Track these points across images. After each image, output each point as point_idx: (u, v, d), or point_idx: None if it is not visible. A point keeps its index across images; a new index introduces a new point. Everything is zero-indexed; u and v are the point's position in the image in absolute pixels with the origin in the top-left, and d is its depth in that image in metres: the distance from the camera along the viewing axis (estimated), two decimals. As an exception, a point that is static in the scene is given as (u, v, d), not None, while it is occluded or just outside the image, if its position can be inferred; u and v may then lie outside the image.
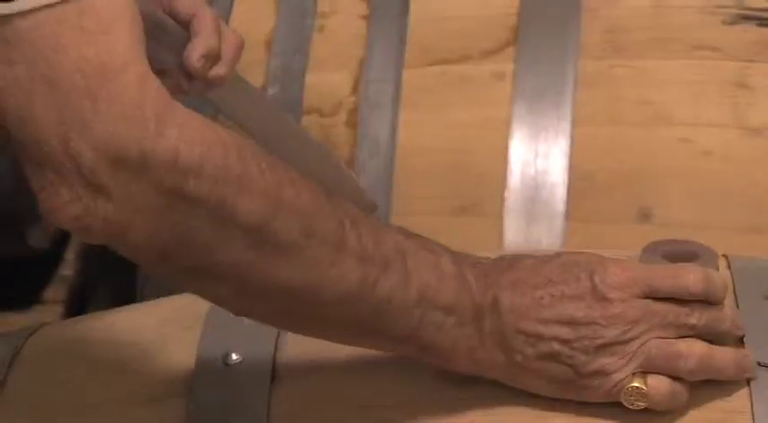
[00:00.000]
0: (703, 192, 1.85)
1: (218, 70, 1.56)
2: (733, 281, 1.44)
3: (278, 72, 1.98)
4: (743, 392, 1.35)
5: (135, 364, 1.49)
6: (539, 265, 1.34)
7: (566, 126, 1.87)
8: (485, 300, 1.32)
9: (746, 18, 1.93)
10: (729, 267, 1.45)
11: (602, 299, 1.31)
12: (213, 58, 1.56)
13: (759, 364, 1.36)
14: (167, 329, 1.51)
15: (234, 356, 1.43)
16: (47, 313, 2.81)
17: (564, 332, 1.30)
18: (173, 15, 1.59)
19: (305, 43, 1.98)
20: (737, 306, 1.41)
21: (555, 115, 1.88)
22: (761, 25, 1.93)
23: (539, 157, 1.86)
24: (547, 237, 1.83)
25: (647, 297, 1.32)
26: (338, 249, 1.28)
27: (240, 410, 1.39)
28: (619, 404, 1.32)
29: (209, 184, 1.20)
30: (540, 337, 1.31)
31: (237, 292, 1.28)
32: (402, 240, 1.32)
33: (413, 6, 1.99)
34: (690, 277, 1.33)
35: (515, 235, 1.83)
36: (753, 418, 1.32)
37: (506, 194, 1.85)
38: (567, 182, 1.85)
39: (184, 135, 1.20)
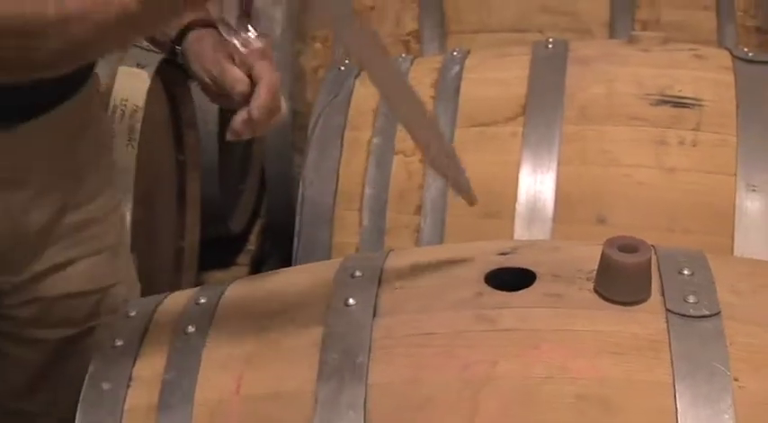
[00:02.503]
0: (638, 206, 1.83)
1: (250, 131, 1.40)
2: (658, 262, 1.42)
3: (380, 127, 1.97)
4: (662, 331, 1.33)
5: (289, 303, 1.48)
6: None
7: (554, 165, 1.85)
8: None
9: (665, 102, 1.91)
10: (656, 254, 1.42)
11: None
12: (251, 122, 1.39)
13: (671, 311, 1.34)
14: (312, 283, 1.50)
15: (351, 301, 1.42)
16: (239, 272, 2.82)
17: None
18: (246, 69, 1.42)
19: (397, 111, 1.98)
20: (660, 279, 1.39)
21: (548, 159, 1.86)
22: (674, 106, 1.90)
23: (536, 184, 1.84)
24: (541, 234, 1.82)
25: None
26: None
27: (354, 334, 1.37)
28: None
29: None
30: None
31: None
32: None
33: (462, 90, 1.98)
34: None
35: (521, 232, 1.82)
36: (670, 349, 1.30)
37: (516, 206, 1.83)
38: (554, 199, 1.83)
39: None
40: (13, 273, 1.49)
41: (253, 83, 1.40)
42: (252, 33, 1.45)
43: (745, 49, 2.05)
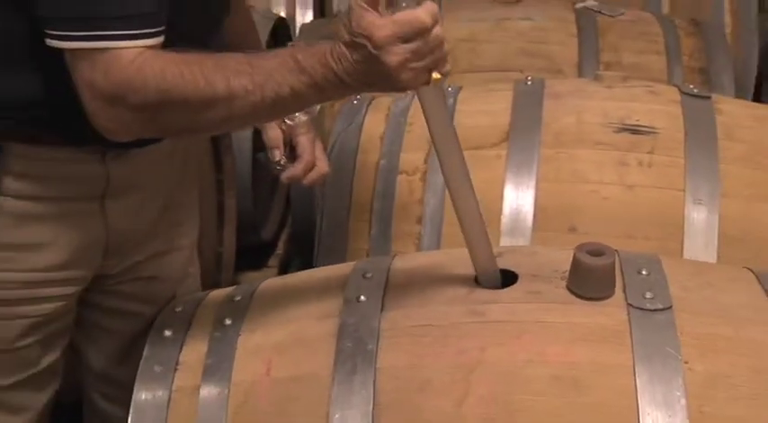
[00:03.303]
0: (603, 217, 1.80)
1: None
2: (621, 264, 1.41)
3: (386, 152, 1.95)
4: (624, 322, 1.32)
5: (311, 299, 1.46)
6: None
7: (533, 183, 1.83)
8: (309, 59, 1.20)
9: (625, 130, 1.89)
10: (619, 257, 1.41)
11: (377, 57, 1.17)
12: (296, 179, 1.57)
13: (631, 305, 1.34)
14: (329, 283, 1.49)
15: (362, 297, 1.41)
16: (269, 273, 2.81)
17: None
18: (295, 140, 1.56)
19: (400, 137, 1.96)
20: (623, 278, 1.38)
21: (527, 177, 1.83)
22: (632, 134, 1.88)
23: (518, 199, 1.82)
24: (522, 240, 1.79)
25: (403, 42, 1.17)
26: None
27: (365, 325, 1.36)
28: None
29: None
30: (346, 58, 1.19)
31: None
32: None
33: (455, 120, 1.94)
34: (419, 15, 1.17)
35: (505, 240, 1.80)
36: (631, 337, 1.29)
37: (501, 217, 1.81)
38: (533, 211, 1.81)
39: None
40: (125, 257, 1.53)
41: (293, 149, 1.56)
42: None
43: (691, 86, 2.04)
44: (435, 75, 1.21)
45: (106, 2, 1.21)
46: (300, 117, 1.56)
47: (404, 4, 1.19)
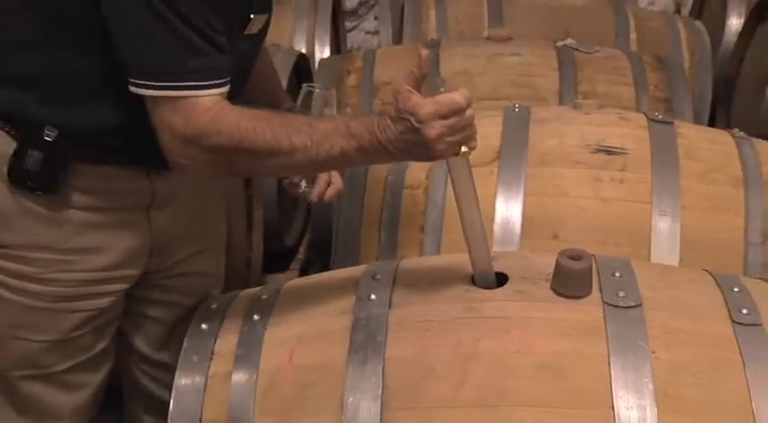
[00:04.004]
0: (581, 227, 1.79)
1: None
2: (597, 267, 1.40)
3: (393, 169, 1.94)
4: (600, 317, 1.31)
5: (328, 297, 1.45)
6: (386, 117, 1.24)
7: (521, 197, 1.81)
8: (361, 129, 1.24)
9: (600, 150, 1.87)
10: (595, 261, 1.40)
11: (418, 129, 1.22)
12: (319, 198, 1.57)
13: (606, 303, 1.32)
14: (343, 283, 1.48)
15: (373, 296, 1.40)
16: (291, 275, 2.80)
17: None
18: None
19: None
20: (599, 279, 1.37)
21: (516, 192, 1.81)
22: (606, 154, 1.86)
23: (508, 210, 1.80)
24: (511, 247, 1.78)
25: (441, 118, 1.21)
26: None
27: (375, 320, 1.36)
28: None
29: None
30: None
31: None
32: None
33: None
34: (456, 98, 1.22)
35: (497, 246, 1.78)
36: (606, 330, 1.28)
37: (493, 226, 1.79)
38: (521, 222, 1.79)
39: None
40: (167, 257, 1.54)
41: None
42: None
43: (656, 113, 2.02)
44: (464, 148, 1.27)
45: (186, 56, 1.24)
46: None
47: (441, 90, 1.24)
